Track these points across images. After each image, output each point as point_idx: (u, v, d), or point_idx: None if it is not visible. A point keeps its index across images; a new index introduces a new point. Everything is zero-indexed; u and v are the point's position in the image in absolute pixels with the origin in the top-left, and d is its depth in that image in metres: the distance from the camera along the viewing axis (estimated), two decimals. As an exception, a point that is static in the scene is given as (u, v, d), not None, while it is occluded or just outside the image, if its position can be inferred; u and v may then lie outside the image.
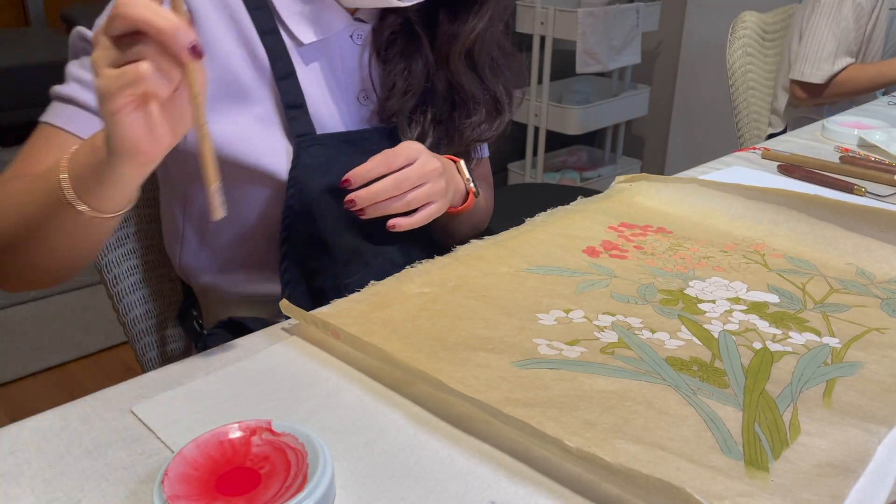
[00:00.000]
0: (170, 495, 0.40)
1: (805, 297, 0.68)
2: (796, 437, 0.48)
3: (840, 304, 0.66)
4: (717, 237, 0.81)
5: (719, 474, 0.44)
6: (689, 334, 0.60)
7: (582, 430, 0.47)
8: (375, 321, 0.61)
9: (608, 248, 0.77)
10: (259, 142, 0.72)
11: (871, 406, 0.51)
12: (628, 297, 0.66)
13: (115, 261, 0.87)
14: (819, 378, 0.54)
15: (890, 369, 0.56)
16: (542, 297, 0.66)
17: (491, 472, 0.45)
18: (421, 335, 0.59)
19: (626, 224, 0.84)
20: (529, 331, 0.60)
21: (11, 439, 0.48)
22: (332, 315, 0.62)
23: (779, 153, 1.11)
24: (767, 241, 0.80)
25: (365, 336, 0.56)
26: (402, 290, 0.66)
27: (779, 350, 0.58)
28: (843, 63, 1.79)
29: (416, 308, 0.63)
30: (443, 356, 0.56)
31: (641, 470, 0.41)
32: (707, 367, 0.55)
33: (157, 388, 0.54)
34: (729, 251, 0.77)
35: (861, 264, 0.74)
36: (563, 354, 0.56)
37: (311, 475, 0.41)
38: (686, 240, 0.80)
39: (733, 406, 0.51)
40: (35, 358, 1.94)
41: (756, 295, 0.68)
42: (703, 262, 0.75)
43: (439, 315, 0.62)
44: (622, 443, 0.46)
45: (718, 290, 0.69)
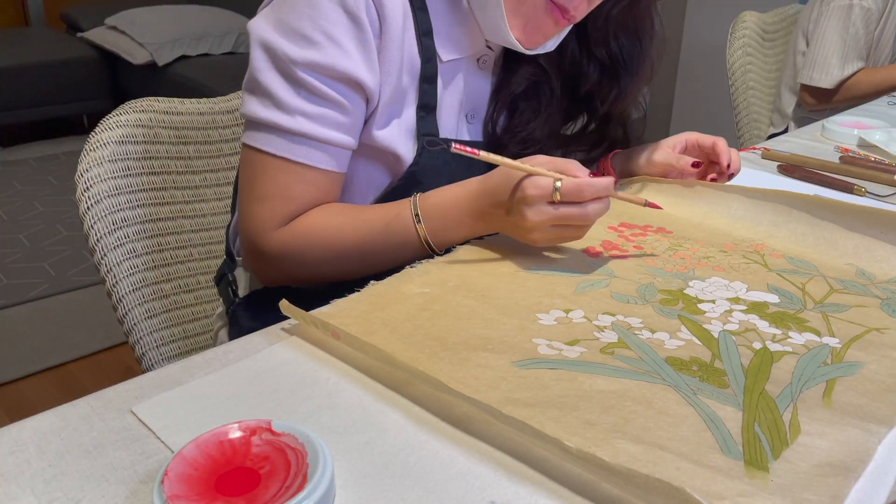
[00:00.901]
0: (170, 495, 0.40)
1: (805, 297, 0.68)
2: (796, 437, 0.48)
3: (840, 305, 0.66)
4: (716, 238, 0.81)
5: (719, 474, 0.44)
6: (689, 334, 0.60)
7: (582, 430, 0.47)
8: (375, 321, 0.61)
9: (608, 248, 0.77)
10: (396, 134, 0.76)
11: (871, 406, 0.51)
12: (628, 297, 0.66)
13: (114, 261, 0.87)
14: (819, 378, 0.54)
15: (890, 369, 0.56)
16: (541, 297, 0.65)
17: (491, 472, 0.45)
18: (421, 335, 0.58)
19: (626, 224, 0.84)
20: (529, 331, 0.60)
21: (11, 439, 0.48)
22: (332, 315, 0.61)
23: (779, 153, 1.11)
24: (767, 241, 0.80)
25: (365, 336, 0.56)
26: (402, 289, 0.66)
27: (779, 350, 0.58)
28: (854, 68, 1.79)
29: (416, 308, 0.63)
30: (443, 356, 0.55)
31: (641, 470, 0.41)
32: (707, 367, 0.55)
33: (157, 388, 0.54)
34: (729, 251, 0.77)
35: (861, 264, 0.75)
36: (562, 354, 0.56)
37: (311, 475, 0.41)
38: (686, 240, 0.80)
39: (733, 406, 0.51)
40: (35, 358, 1.94)
41: (756, 295, 0.68)
42: (703, 262, 0.75)
43: (439, 315, 0.62)
44: (622, 443, 0.46)
45: (718, 290, 0.69)
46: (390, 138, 0.76)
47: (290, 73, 0.70)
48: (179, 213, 0.95)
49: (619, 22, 0.84)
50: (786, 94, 1.95)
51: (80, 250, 2.44)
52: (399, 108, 0.77)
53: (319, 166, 0.73)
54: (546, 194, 0.65)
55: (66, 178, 3.06)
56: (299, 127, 0.70)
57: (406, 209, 0.72)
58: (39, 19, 4.22)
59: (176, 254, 0.95)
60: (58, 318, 2.11)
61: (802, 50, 1.88)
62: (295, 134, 0.71)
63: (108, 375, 1.92)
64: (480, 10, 0.76)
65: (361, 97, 0.73)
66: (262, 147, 0.72)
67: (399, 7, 0.72)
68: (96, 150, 0.85)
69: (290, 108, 0.70)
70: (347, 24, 0.69)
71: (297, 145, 0.71)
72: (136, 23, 3.48)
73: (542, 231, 0.67)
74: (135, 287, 0.90)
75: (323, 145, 0.72)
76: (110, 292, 0.87)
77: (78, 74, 3.52)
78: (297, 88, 0.70)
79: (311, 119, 0.71)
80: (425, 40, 0.76)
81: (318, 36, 0.68)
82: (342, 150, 0.74)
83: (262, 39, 0.70)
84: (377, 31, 0.71)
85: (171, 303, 0.95)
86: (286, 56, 0.69)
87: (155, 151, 0.91)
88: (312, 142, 0.71)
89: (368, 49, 0.71)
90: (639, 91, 0.90)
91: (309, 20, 0.69)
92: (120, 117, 0.87)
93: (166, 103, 0.92)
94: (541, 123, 0.85)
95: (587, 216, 0.66)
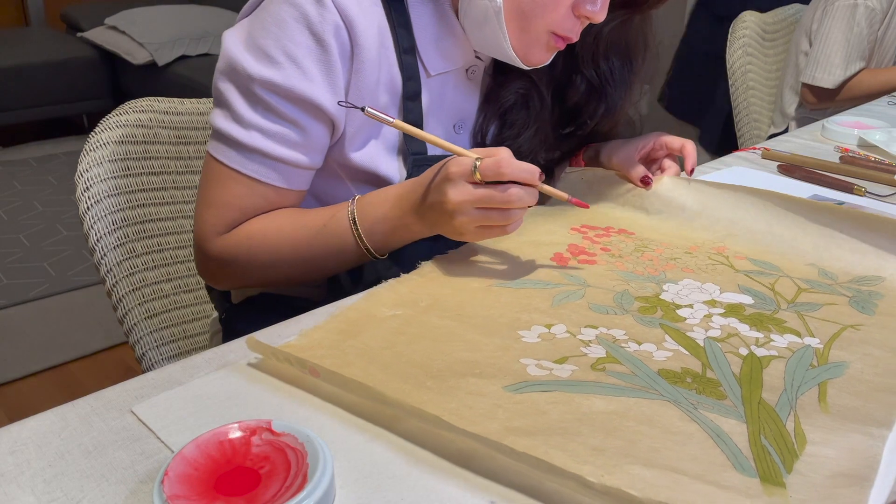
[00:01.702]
0: (170, 495, 0.40)
1: (777, 297, 0.68)
2: (804, 447, 0.47)
3: (812, 303, 0.67)
4: (678, 238, 0.81)
5: (738, 494, 0.43)
6: (674, 344, 0.59)
7: (591, 458, 0.46)
8: (350, 351, 0.57)
9: (575, 252, 0.76)
10: (378, 155, 0.76)
11: (867, 408, 0.52)
12: (607, 308, 0.65)
13: (114, 260, 0.87)
14: (810, 382, 0.55)
15: (873, 367, 0.57)
16: (519, 312, 0.63)
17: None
18: (402, 363, 0.55)
19: (588, 226, 0.83)
20: (514, 350, 0.58)
21: (11, 439, 0.48)
22: (304, 348, 0.57)
23: (779, 153, 1.11)
24: (727, 242, 0.80)
25: (342, 369, 0.53)
26: (372, 313, 0.63)
27: (765, 355, 0.58)
28: (856, 68, 1.79)
29: (391, 333, 0.60)
30: (430, 385, 0.53)
31: (661, 498, 0.40)
32: (700, 378, 0.55)
33: (157, 388, 0.54)
34: (693, 252, 0.77)
35: (822, 264, 0.75)
36: (553, 374, 0.54)
37: (311, 475, 0.41)
38: (650, 241, 0.80)
39: (735, 418, 0.50)
40: (35, 358, 1.94)
41: (730, 297, 0.68)
42: (671, 263, 0.74)
43: (417, 339, 0.59)
44: (634, 468, 0.45)
45: (693, 292, 0.68)
46: (369, 159, 0.75)
47: (248, 88, 0.70)
48: (179, 213, 0.95)
49: (609, 41, 0.84)
50: (787, 94, 1.95)
51: (80, 250, 2.44)
52: (378, 128, 0.76)
53: (270, 182, 0.73)
54: (467, 171, 0.64)
55: (66, 178, 3.06)
56: (253, 142, 0.71)
57: (343, 210, 0.71)
58: (39, 19, 4.22)
59: (176, 254, 0.95)
60: (58, 318, 2.11)
61: (805, 50, 1.88)
62: (248, 148, 0.71)
63: (108, 375, 1.92)
64: (476, 27, 0.75)
65: (321, 120, 0.72)
66: (218, 157, 0.73)
67: (374, 28, 0.71)
68: (96, 150, 0.85)
69: (246, 122, 0.71)
70: (312, 46, 0.69)
71: (250, 160, 0.72)
72: (136, 23, 3.48)
73: (466, 213, 0.65)
74: (134, 287, 0.90)
75: (275, 163, 0.72)
76: (110, 292, 0.87)
77: (78, 74, 3.52)
78: (254, 104, 0.71)
79: (265, 135, 0.71)
80: (406, 58, 0.75)
81: (280, 56, 0.68)
82: (297, 168, 0.73)
83: (228, 51, 0.71)
84: (348, 53, 0.70)
85: (171, 303, 0.95)
86: (245, 72, 0.69)
87: (155, 151, 0.91)
88: (265, 158, 0.71)
89: (333, 72, 0.70)
90: (627, 107, 0.90)
91: (274, 39, 0.69)
92: (120, 117, 0.87)
93: (166, 103, 0.92)
94: (531, 134, 0.85)
95: (509, 199, 0.64)
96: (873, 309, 0.66)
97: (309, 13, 0.68)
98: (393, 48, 0.74)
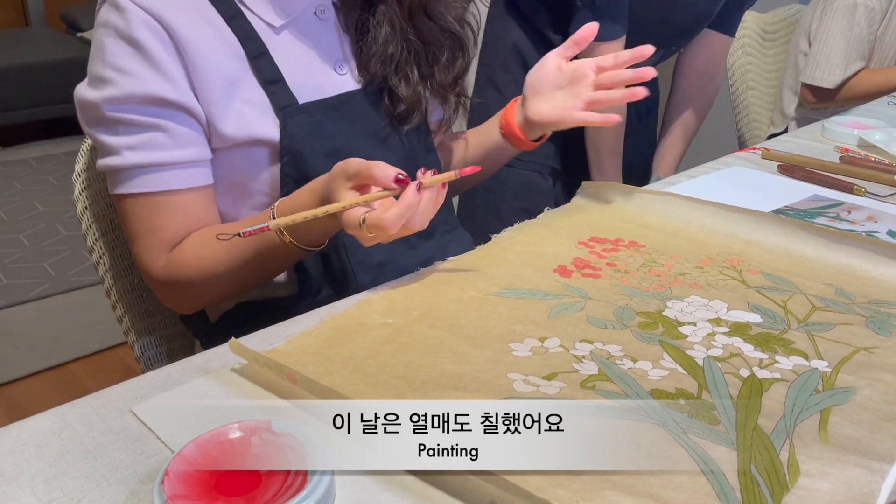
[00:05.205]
0: (170, 495, 0.40)
1: (788, 315, 0.65)
2: (796, 480, 0.45)
3: (825, 323, 0.64)
4: (691, 251, 0.78)
5: None
6: (672, 362, 0.57)
7: (568, 482, 0.43)
8: (335, 359, 0.56)
9: (580, 266, 0.74)
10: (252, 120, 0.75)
11: (870, 438, 0.49)
12: (605, 322, 0.63)
13: (114, 260, 0.87)
14: (812, 408, 0.52)
15: (884, 394, 0.53)
16: (514, 324, 0.61)
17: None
18: (385, 373, 0.54)
19: (597, 239, 0.80)
20: (503, 364, 0.56)
21: (11, 439, 0.48)
22: (288, 354, 0.56)
23: (779, 153, 1.11)
24: (742, 254, 0.77)
25: (324, 377, 0.52)
26: (363, 321, 0.62)
27: (767, 377, 0.55)
28: (855, 68, 1.79)
29: (378, 342, 0.58)
30: (411, 398, 0.51)
31: None
32: (694, 400, 0.53)
33: (157, 388, 0.54)
34: (705, 267, 0.74)
35: (841, 285, 0.71)
36: (540, 391, 0.52)
37: (311, 475, 0.41)
38: (660, 254, 0.77)
39: (726, 445, 0.47)
40: (35, 358, 1.94)
41: (737, 315, 0.65)
42: (679, 279, 0.71)
43: (405, 349, 0.57)
44: (612, 494, 0.43)
45: (698, 310, 0.65)
46: (241, 128, 0.75)
47: (99, 117, 0.72)
48: (179, 213, 0.95)
49: None
50: (787, 95, 1.95)
51: (79, 250, 2.44)
52: (236, 93, 0.75)
53: (162, 189, 0.73)
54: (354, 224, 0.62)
55: (66, 178, 3.06)
56: (127, 161, 0.72)
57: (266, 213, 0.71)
58: (39, 19, 4.22)
59: (176, 254, 0.95)
60: (58, 318, 2.11)
61: (804, 50, 1.88)
62: (127, 168, 0.72)
63: (108, 375, 1.92)
64: None
65: (175, 109, 0.72)
66: (114, 191, 0.74)
67: (182, 9, 0.72)
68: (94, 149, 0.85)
69: (114, 148, 0.72)
70: (128, 50, 0.70)
71: (135, 179, 0.73)
72: (135, 23, 3.47)
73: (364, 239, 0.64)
74: (133, 286, 0.90)
75: (155, 170, 0.73)
76: (109, 291, 0.87)
77: (78, 74, 3.46)
78: (111, 129, 0.72)
79: (133, 150, 0.72)
80: (236, 23, 0.75)
81: (109, 73, 0.70)
82: (181, 167, 0.74)
83: (76, 98, 0.74)
84: (167, 41, 0.71)
85: (171, 303, 0.95)
86: (90, 103, 0.72)
87: (155, 151, 0.91)
88: (145, 170, 0.72)
89: (159, 64, 0.70)
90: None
91: (100, 62, 0.71)
92: (120, 117, 0.87)
93: (166, 103, 0.92)
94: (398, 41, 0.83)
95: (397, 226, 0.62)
96: (891, 330, 0.62)
97: (115, 23, 0.70)
98: (220, 18, 0.75)
